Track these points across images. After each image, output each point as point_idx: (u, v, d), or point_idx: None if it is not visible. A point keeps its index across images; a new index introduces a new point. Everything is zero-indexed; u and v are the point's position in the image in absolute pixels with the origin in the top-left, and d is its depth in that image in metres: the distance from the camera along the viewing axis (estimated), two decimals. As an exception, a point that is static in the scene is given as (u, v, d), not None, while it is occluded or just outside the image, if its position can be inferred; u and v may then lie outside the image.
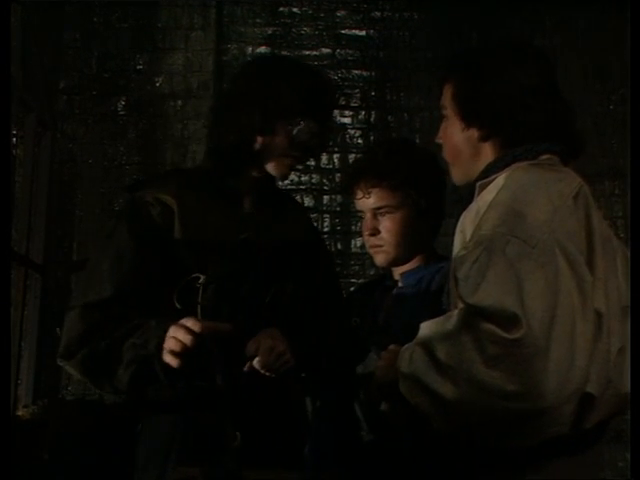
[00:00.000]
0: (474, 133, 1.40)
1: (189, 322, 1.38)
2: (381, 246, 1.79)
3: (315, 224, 3.45)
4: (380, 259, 1.82)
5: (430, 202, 1.78)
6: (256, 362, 1.48)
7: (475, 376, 1.13)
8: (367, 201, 1.78)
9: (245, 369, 1.49)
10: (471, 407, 1.16)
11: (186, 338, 1.35)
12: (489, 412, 1.15)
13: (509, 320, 1.13)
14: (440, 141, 1.49)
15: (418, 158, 1.78)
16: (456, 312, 1.21)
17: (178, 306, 1.50)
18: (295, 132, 1.60)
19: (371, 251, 1.83)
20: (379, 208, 1.77)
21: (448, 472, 1.34)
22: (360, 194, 1.79)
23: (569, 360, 1.14)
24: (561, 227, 1.20)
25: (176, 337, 1.36)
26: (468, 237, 1.28)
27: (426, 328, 1.25)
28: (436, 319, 1.26)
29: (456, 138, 1.43)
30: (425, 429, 1.24)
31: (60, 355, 1.55)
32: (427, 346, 1.21)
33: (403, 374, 1.24)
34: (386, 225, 1.77)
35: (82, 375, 1.54)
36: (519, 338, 1.11)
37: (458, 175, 1.46)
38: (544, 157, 1.36)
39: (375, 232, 1.78)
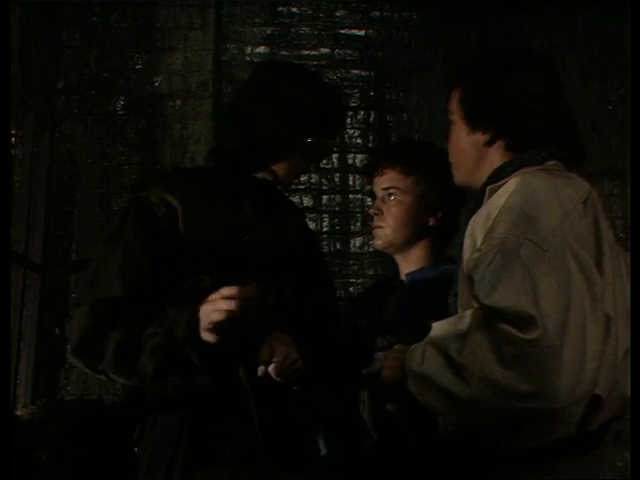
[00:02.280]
0: (479, 137, 1.43)
1: (224, 291, 1.35)
2: (382, 227, 1.86)
3: (314, 224, 3.48)
4: (378, 242, 1.88)
5: (439, 199, 1.82)
6: (271, 369, 1.49)
7: (489, 375, 1.15)
8: (380, 179, 1.87)
9: (260, 374, 1.49)
10: (483, 406, 1.17)
11: (230, 304, 1.34)
12: (501, 411, 1.17)
13: (525, 321, 1.15)
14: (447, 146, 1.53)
15: (437, 158, 1.80)
16: (469, 312, 1.23)
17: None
18: (312, 149, 1.65)
19: (373, 232, 1.90)
20: (388, 188, 1.85)
21: (453, 472, 1.34)
22: (377, 172, 1.88)
23: (581, 362, 1.16)
24: (572, 231, 1.23)
25: (217, 309, 1.35)
26: (479, 240, 1.30)
27: (438, 328, 1.27)
28: (448, 319, 1.28)
29: (462, 142, 1.46)
30: (431, 429, 1.25)
31: (73, 351, 1.52)
32: (440, 345, 1.23)
33: (414, 373, 1.26)
34: (391, 207, 1.85)
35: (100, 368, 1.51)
36: (535, 339, 1.13)
37: (460, 178, 1.51)
38: (550, 163, 1.39)
39: (379, 212, 1.86)
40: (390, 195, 1.85)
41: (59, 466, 2.68)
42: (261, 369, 1.50)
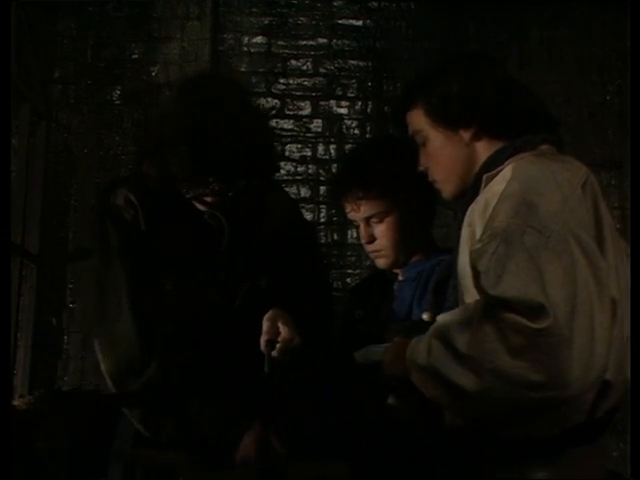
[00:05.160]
0: (463, 135, 1.41)
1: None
2: (380, 251, 1.79)
3: (311, 215, 3.47)
4: (382, 263, 1.82)
5: (420, 198, 1.76)
6: (278, 348, 1.53)
7: (499, 367, 1.13)
8: (358, 214, 1.78)
9: (262, 349, 1.53)
10: (494, 398, 1.16)
11: None
12: (513, 402, 1.15)
13: (535, 310, 1.13)
14: (423, 168, 1.49)
15: (399, 157, 1.73)
16: (474, 303, 1.21)
17: (147, 312, 1.53)
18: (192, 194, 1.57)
19: (372, 257, 1.83)
20: (370, 217, 1.77)
21: (458, 464, 1.33)
22: (349, 207, 1.79)
23: (590, 348, 1.14)
24: (572, 216, 1.22)
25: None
26: (478, 230, 1.28)
27: (443, 320, 1.25)
28: (452, 311, 1.27)
29: (445, 149, 1.43)
30: (436, 421, 1.24)
31: (113, 382, 1.55)
32: (445, 338, 1.20)
33: (419, 366, 1.24)
34: (381, 231, 1.77)
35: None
36: (545, 327, 1.12)
37: (452, 188, 1.46)
38: (543, 147, 1.38)
39: (372, 239, 1.78)
40: (376, 220, 1.77)
41: (57, 456, 2.68)
42: (266, 346, 1.52)
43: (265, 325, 1.54)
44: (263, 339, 1.55)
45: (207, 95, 1.52)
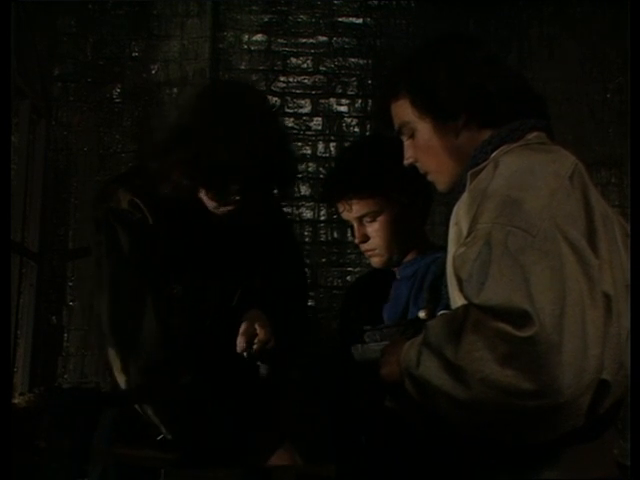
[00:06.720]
0: (452, 126, 1.36)
1: None
2: (374, 250, 1.79)
3: (311, 212, 3.47)
4: (376, 262, 1.82)
5: (412, 196, 1.76)
6: (255, 348, 1.54)
7: (489, 376, 1.10)
8: (350, 214, 1.78)
9: (239, 350, 1.55)
10: (486, 407, 1.12)
11: None
12: (505, 411, 1.12)
13: (520, 318, 1.09)
14: (410, 161, 1.44)
15: (390, 156, 1.68)
16: (461, 310, 1.17)
17: (159, 316, 1.53)
18: (214, 205, 1.58)
19: (366, 255, 1.84)
20: (363, 216, 1.77)
21: (460, 465, 1.31)
22: (341, 207, 1.79)
23: (583, 350, 1.10)
24: (560, 211, 1.16)
25: None
26: (464, 229, 1.24)
27: (432, 328, 1.21)
28: (442, 317, 1.23)
29: (435, 140, 1.39)
30: (436, 423, 1.22)
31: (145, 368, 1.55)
32: (435, 347, 1.17)
33: (411, 375, 1.21)
34: (374, 230, 1.77)
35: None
36: (531, 336, 1.07)
37: (447, 179, 1.41)
38: (532, 135, 1.33)
39: (365, 239, 1.79)
40: (369, 219, 1.77)
41: (57, 454, 2.68)
42: (241, 346, 1.54)
43: (243, 326, 1.55)
44: (240, 340, 1.55)
45: (244, 107, 1.54)
